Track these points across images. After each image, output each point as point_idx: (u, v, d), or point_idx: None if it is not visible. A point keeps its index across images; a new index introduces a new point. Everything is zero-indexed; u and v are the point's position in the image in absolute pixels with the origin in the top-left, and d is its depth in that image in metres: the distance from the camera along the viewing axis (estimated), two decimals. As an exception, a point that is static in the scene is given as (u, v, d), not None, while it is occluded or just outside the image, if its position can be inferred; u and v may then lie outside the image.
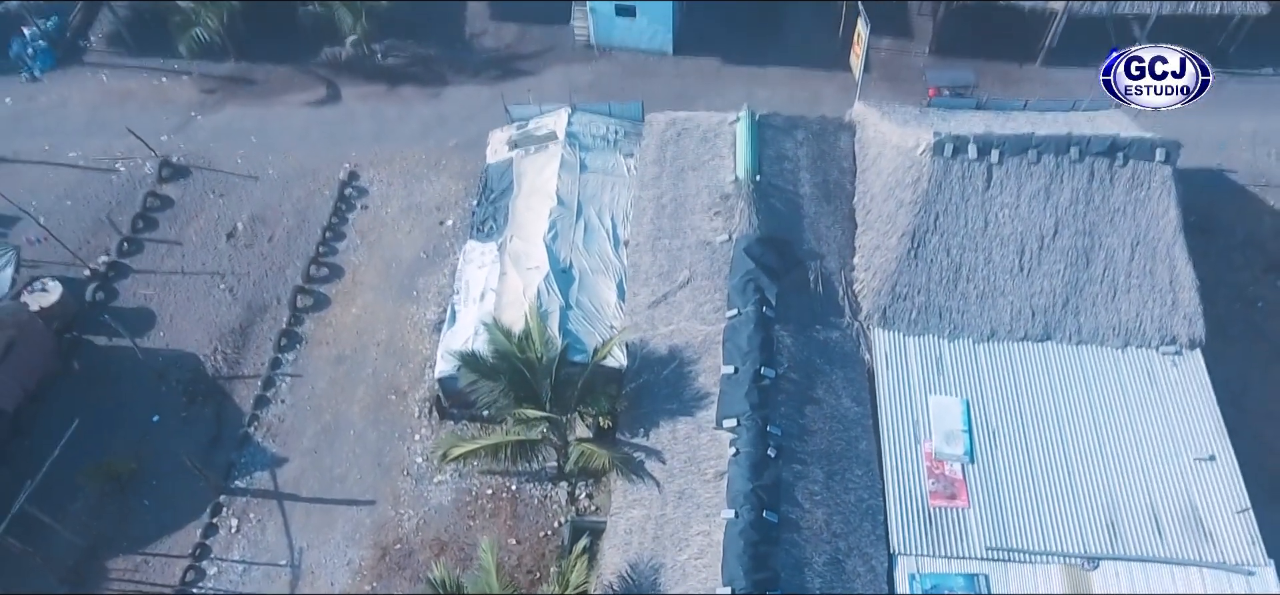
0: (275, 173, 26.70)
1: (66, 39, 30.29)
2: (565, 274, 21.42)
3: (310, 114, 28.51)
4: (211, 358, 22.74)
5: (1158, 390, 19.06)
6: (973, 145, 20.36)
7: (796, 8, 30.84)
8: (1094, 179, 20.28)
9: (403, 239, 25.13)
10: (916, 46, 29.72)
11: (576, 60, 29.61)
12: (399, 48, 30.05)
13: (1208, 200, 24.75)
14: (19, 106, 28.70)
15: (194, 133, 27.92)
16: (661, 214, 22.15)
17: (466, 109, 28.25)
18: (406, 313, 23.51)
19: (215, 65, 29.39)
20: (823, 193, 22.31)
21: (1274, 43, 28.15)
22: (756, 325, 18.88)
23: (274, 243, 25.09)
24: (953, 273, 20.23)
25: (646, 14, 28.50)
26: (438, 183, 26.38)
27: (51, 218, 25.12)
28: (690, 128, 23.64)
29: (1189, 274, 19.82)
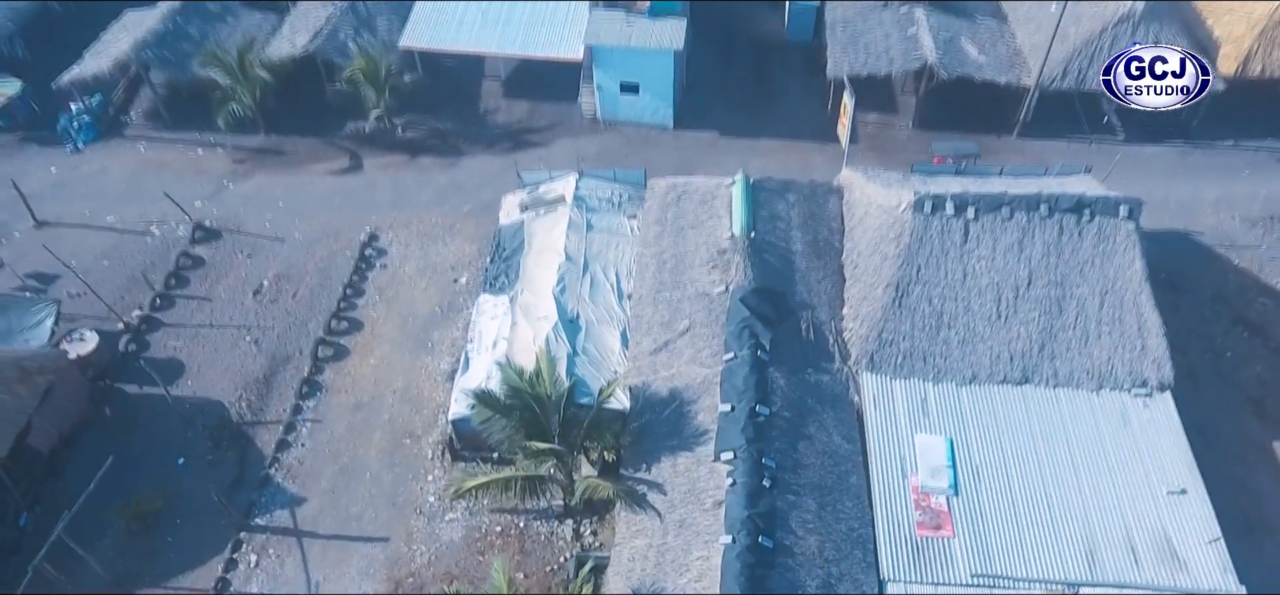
0: (300, 235, 28.45)
1: (109, 114, 32.59)
2: (572, 324, 22.84)
3: (334, 182, 30.49)
4: (236, 405, 23.97)
5: (1131, 430, 20.18)
6: (950, 203, 22.06)
7: (788, 85, 33.20)
8: (1063, 233, 21.87)
9: (419, 295, 26.66)
10: (900, 121, 31.87)
11: (584, 133, 31.74)
12: (418, 122, 32.24)
13: (1177, 259, 26.30)
14: (63, 175, 30.72)
15: (225, 199, 29.82)
16: (663, 269, 23.72)
17: (480, 177, 30.19)
18: (421, 363, 24.84)
19: (247, 138, 31.54)
20: (813, 249, 23.91)
21: (1233, 117, 30.17)
22: (752, 367, 20.18)
23: (298, 299, 26.63)
24: (935, 320, 21.64)
25: (649, 90, 30.73)
26: (453, 244, 28.08)
27: (90, 275, 26.69)
28: (689, 191, 25.43)
29: (1156, 321, 21.17)
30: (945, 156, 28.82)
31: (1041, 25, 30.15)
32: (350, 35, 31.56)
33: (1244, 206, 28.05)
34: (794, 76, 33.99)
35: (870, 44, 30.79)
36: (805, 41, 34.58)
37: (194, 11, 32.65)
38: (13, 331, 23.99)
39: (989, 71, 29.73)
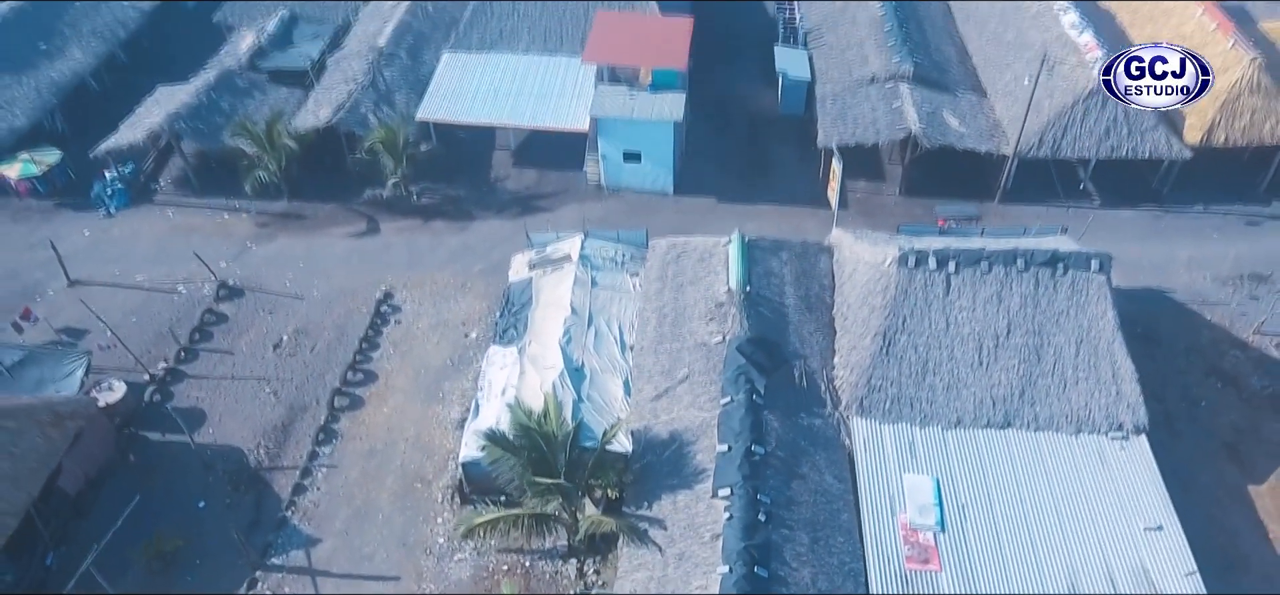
0: (319, 293, 29.94)
1: (140, 182, 34.51)
2: (578, 372, 24.09)
3: (352, 244, 32.17)
4: (255, 451, 25.05)
5: (1109, 470, 21.21)
6: (932, 257, 23.56)
7: (782, 156, 35.21)
8: (1039, 286, 23.29)
9: (431, 349, 27.97)
10: (888, 188, 33.69)
11: (589, 199, 33.55)
12: (432, 189, 34.10)
13: (1152, 315, 27.67)
14: (95, 237, 32.43)
15: (248, 260, 31.44)
16: (663, 322, 25.11)
17: (491, 240, 31.84)
18: (433, 412, 26.00)
19: (270, 204, 33.36)
20: (805, 303, 25.32)
21: (1201, 183, 32.00)
22: (747, 409, 21.36)
23: (315, 352, 27.94)
24: (920, 368, 22.89)
25: (650, 159, 32.65)
26: (464, 301, 29.54)
27: (119, 331, 28.01)
28: (688, 250, 27.01)
29: (1129, 368, 22.39)
30: (949, 218, 30.46)
31: (1018, 98, 32.23)
32: (371, 108, 33.70)
33: (1214, 266, 29.54)
34: (787, 148, 36.00)
35: (858, 116, 32.84)
36: (798, 115, 36.72)
37: (225, 86, 34.90)
38: (45, 381, 25.22)
39: (970, 141, 31.66)
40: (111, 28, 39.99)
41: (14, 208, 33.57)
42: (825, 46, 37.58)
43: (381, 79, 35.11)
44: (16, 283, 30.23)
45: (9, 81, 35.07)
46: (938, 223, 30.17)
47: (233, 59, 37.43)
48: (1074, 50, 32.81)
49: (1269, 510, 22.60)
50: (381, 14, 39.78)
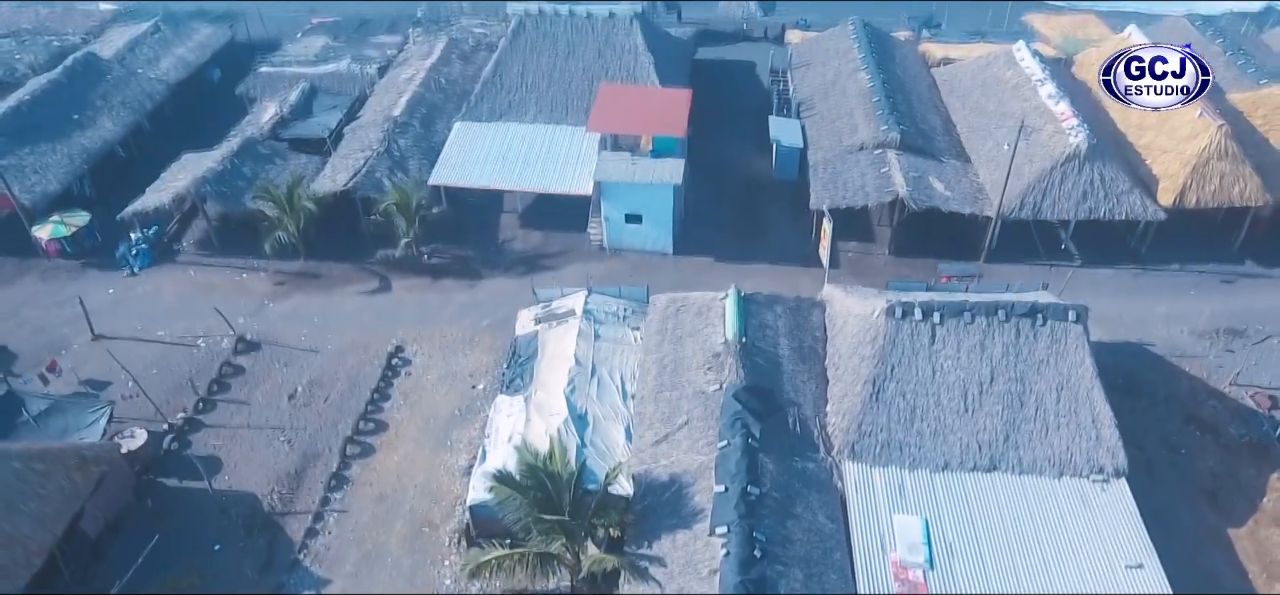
0: (333, 347, 31.17)
1: (163, 243, 36.10)
2: (581, 419, 25.16)
3: (365, 301, 33.56)
4: (269, 497, 25.94)
5: (1090, 511, 22.09)
6: (918, 309, 24.86)
7: (777, 219, 36.85)
8: (1020, 336, 24.51)
9: (440, 400, 29.07)
10: (878, 249, 35.21)
11: (592, 259, 35.04)
12: (442, 250, 35.65)
13: (1132, 367, 28.80)
14: (119, 295, 33.85)
15: (266, 316, 32.78)
16: (663, 372, 26.28)
17: (498, 297, 33.21)
18: (441, 459, 26.96)
19: (287, 263, 34.87)
20: (799, 354, 26.53)
21: (1177, 243, 33.54)
22: (743, 452, 22.36)
23: (328, 403, 29.04)
24: (909, 414, 23.96)
25: (651, 221, 34.27)
26: (472, 355, 30.75)
27: (140, 382, 29.14)
28: (687, 304, 28.35)
29: (1107, 414, 23.44)
30: (952, 275, 31.77)
31: (1000, 164, 33.94)
32: (386, 173, 35.50)
33: (1191, 320, 30.80)
34: (782, 211, 37.67)
35: (848, 180, 34.57)
36: (792, 181, 38.49)
37: (247, 153, 36.82)
38: (70, 429, 26.33)
39: (955, 204, 33.29)
40: (139, 100, 42.25)
41: (43, 267, 35.09)
42: (817, 116, 39.64)
43: (396, 146, 37.04)
44: (43, 337, 31.53)
45: (45, 149, 37.00)
46: (942, 279, 31.40)
47: (255, 128, 39.51)
48: (1051, 119, 34.72)
49: (1248, 553, 23.36)
50: (397, 86, 42.06)
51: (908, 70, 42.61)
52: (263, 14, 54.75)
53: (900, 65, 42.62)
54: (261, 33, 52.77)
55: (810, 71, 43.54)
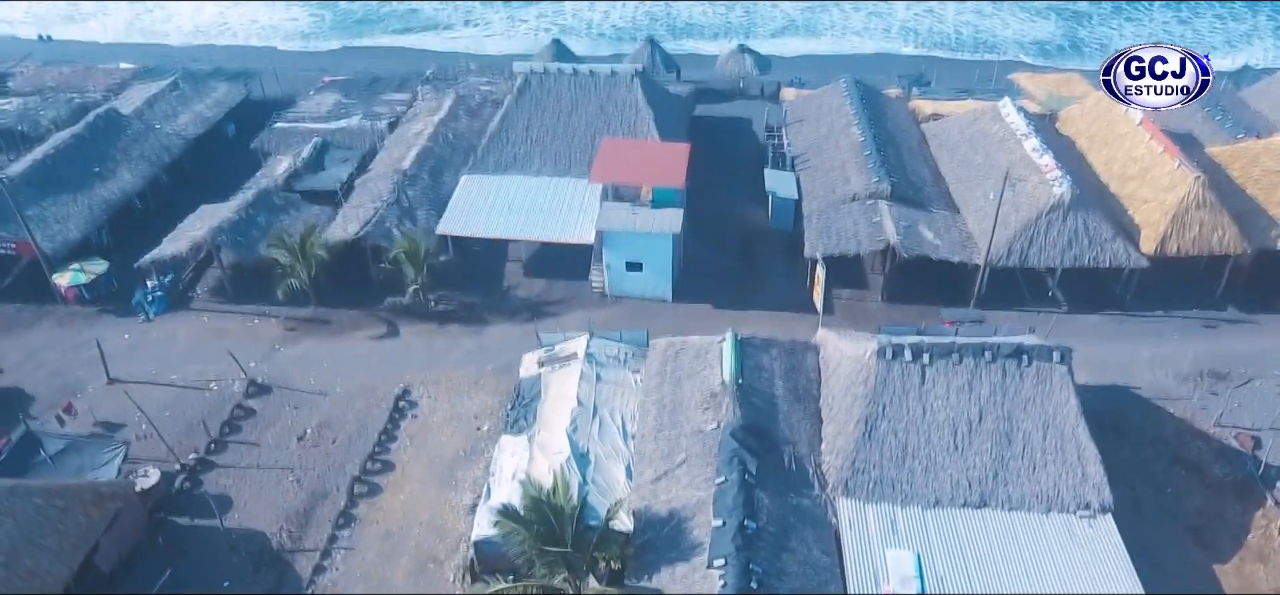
0: (341, 390, 32.05)
1: (178, 290, 37.22)
2: (583, 458, 25.93)
3: (373, 346, 34.54)
4: (278, 534, 26.56)
5: (1078, 546, 22.73)
6: (908, 350, 25.79)
7: (773, 268, 38.04)
8: (1006, 376, 25.39)
9: (445, 440, 29.84)
10: (871, 296, 36.31)
11: (594, 306, 36.11)
12: (449, 297, 36.76)
13: (1119, 409, 29.62)
14: (134, 340, 34.85)
15: (276, 360, 33.72)
16: (662, 412, 27.12)
17: (502, 342, 34.18)
18: (446, 498, 27.64)
19: (298, 310, 35.93)
20: (794, 395, 27.39)
21: (1160, 289, 34.67)
22: (740, 487, 23.11)
23: (337, 444, 29.81)
24: (900, 452, 24.73)
25: (651, 268, 35.43)
26: (477, 397, 31.59)
27: (154, 423, 30.00)
28: (686, 348, 29.30)
29: (1093, 451, 24.21)
30: (955, 321, 32.66)
31: (987, 214, 35.19)
32: (395, 223, 36.80)
33: (1175, 365, 31.70)
34: (777, 260, 38.88)
35: (841, 229, 35.82)
36: (787, 231, 39.77)
37: (262, 204, 38.19)
38: (85, 468, 27.11)
39: (944, 252, 34.47)
40: (158, 153, 43.83)
41: (60, 313, 36.16)
42: (811, 169, 41.11)
43: (405, 197, 38.42)
44: (60, 380, 32.45)
45: (66, 200, 38.39)
46: (944, 324, 32.29)
47: (269, 180, 40.99)
48: (1036, 170, 36.11)
49: (1233, 588, 23.91)
50: (406, 141, 43.67)
51: (898, 125, 44.26)
52: (277, 72, 56.91)
53: (891, 121, 44.27)
54: (276, 90, 54.80)
55: (804, 127, 45.20)
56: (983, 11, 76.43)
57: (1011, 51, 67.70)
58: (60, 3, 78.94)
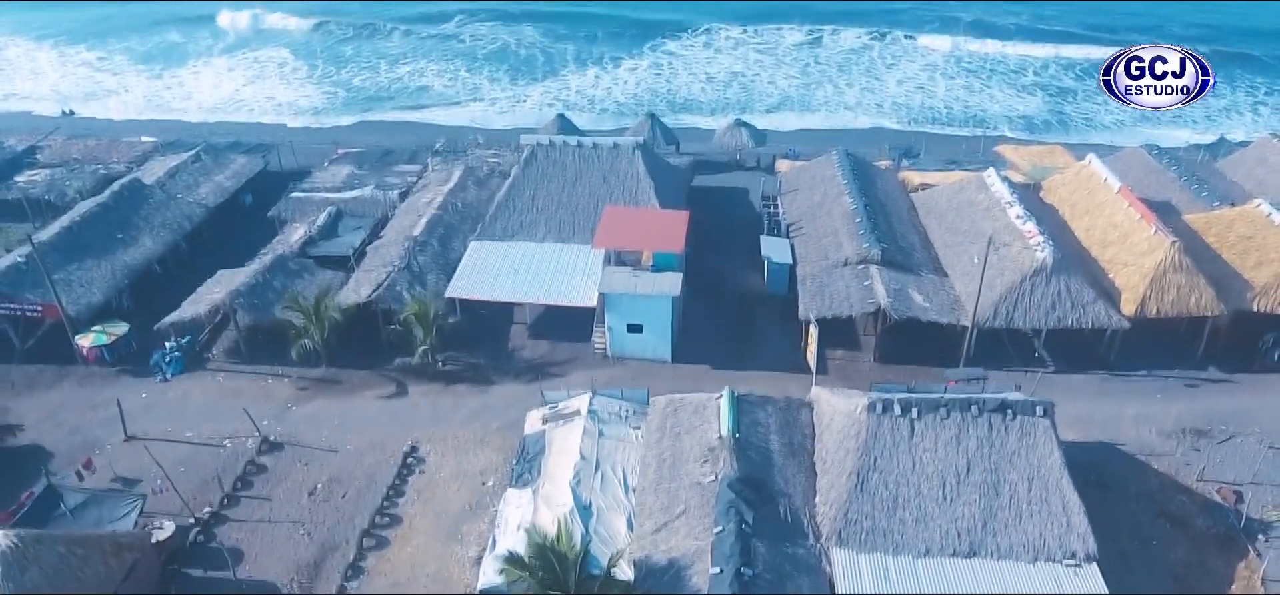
0: (351, 447, 33.06)
1: (195, 351, 38.54)
2: (586, 510, 26.84)
3: (382, 405, 35.67)
4: (288, 586, 27.29)
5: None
6: (897, 405, 26.96)
7: (768, 330, 39.39)
8: (992, 429, 26.50)
9: (452, 495, 30.74)
10: (863, 357, 37.55)
11: (596, 366, 37.34)
12: (456, 358, 38.02)
13: (1105, 464, 30.56)
14: (151, 400, 36.00)
15: (289, 419, 34.81)
16: (662, 466, 28.13)
17: (507, 401, 35.29)
18: (452, 550, 28.41)
19: (310, 370, 37.17)
20: (789, 449, 28.42)
21: (1143, 350, 35.91)
22: (737, 536, 24.00)
23: (346, 498, 30.70)
24: (892, 502, 25.67)
25: (651, 330, 36.80)
26: (482, 454, 32.58)
27: (170, 478, 30.98)
28: (685, 405, 30.44)
29: (1077, 502, 25.14)
30: (960, 380, 33.68)
31: (974, 278, 36.67)
32: (405, 287, 38.33)
33: (1159, 422, 32.73)
34: (773, 323, 40.25)
35: (834, 293, 37.30)
36: (782, 295, 41.25)
37: (278, 269, 39.81)
38: (103, 520, 28.02)
39: (933, 314, 35.87)
40: (179, 221, 45.69)
41: (81, 374, 37.40)
42: (805, 235, 42.83)
43: (415, 263, 40.04)
44: (79, 437, 33.49)
45: (90, 265, 40.05)
46: (948, 383, 33.32)
47: (285, 246, 42.71)
48: (1019, 236, 37.79)
49: (1219, 636, 24.59)
50: (416, 210, 45.56)
51: (888, 194, 46.18)
52: (293, 145, 59.33)
53: (881, 190, 46.22)
54: (292, 162, 57.12)
55: (798, 196, 47.14)
56: (972, 88, 79.56)
57: (1000, 126, 70.32)
58: (83, 80, 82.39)
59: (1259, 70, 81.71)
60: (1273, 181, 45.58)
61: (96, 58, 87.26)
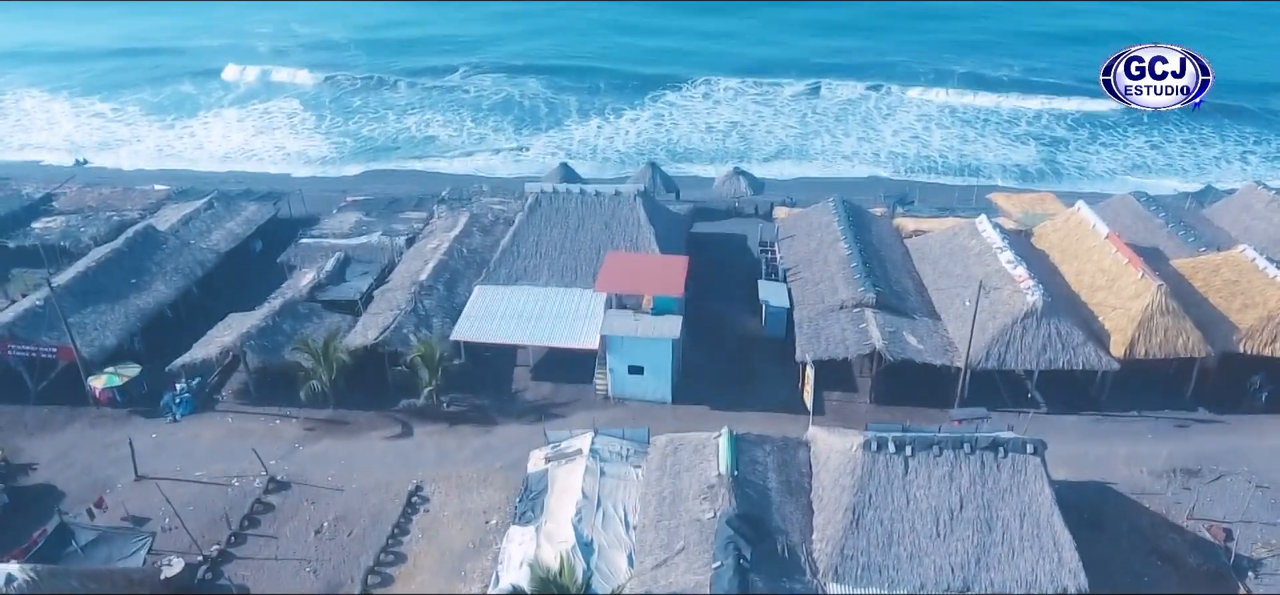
0: (357, 486, 33.67)
1: (205, 393, 39.33)
2: (588, 546, 27.39)
3: (388, 445, 36.35)
4: (294, 622, 27.80)
5: (1057, 628, 24.00)
6: (891, 443, 27.68)
7: (767, 373, 40.18)
8: (984, 467, 27.16)
9: (455, 534, 31.27)
10: (860, 399, 38.29)
11: (597, 408, 38.08)
12: (460, 399, 38.78)
13: (1097, 503, 31.13)
14: (161, 440, 36.69)
15: (296, 458, 35.47)
16: (662, 503, 28.74)
17: (510, 442, 35.96)
18: (455, 589, 28.87)
19: (318, 411, 37.92)
20: (786, 487, 29.04)
21: (1133, 391, 36.65)
22: (735, 571, 24.55)
23: (352, 537, 31.24)
24: (886, 538, 26.24)
25: (651, 372, 37.61)
26: (486, 493, 33.18)
27: (179, 516, 31.57)
28: (684, 444, 31.14)
29: (1067, 538, 25.70)
30: (963, 420, 34.36)
31: (967, 321, 37.55)
32: (412, 330, 39.25)
33: (1150, 462, 33.35)
34: (771, 366, 41.02)
35: (830, 336, 38.19)
36: (779, 337, 42.11)
37: (288, 313, 40.79)
38: (114, 557, 28.55)
39: (927, 356, 36.69)
40: (191, 267, 46.78)
41: (92, 415, 38.15)
42: (802, 280, 43.87)
43: (422, 306, 41.02)
44: (91, 477, 34.13)
45: (104, 309, 41.04)
46: (953, 423, 34.00)
47: (294, 291, 43.74)
48: (1010, 280, 38.79)
49: (1211, 671, 24.95)
50: (423, 255, 46.69)
51: (883, 240, 47.33)
52: (303, 193, 60.79)
53: (876, 236, 47.38)
54: (302, 210, 58.45)
55: (795, 242, 48.28)
56: (966, 138, 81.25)
57: (993, 175, 71.74)
58: (96, 131, 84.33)
59: (1248, 121, 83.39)
60: (1257, 227, 46.78)
61: (110, 108, 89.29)
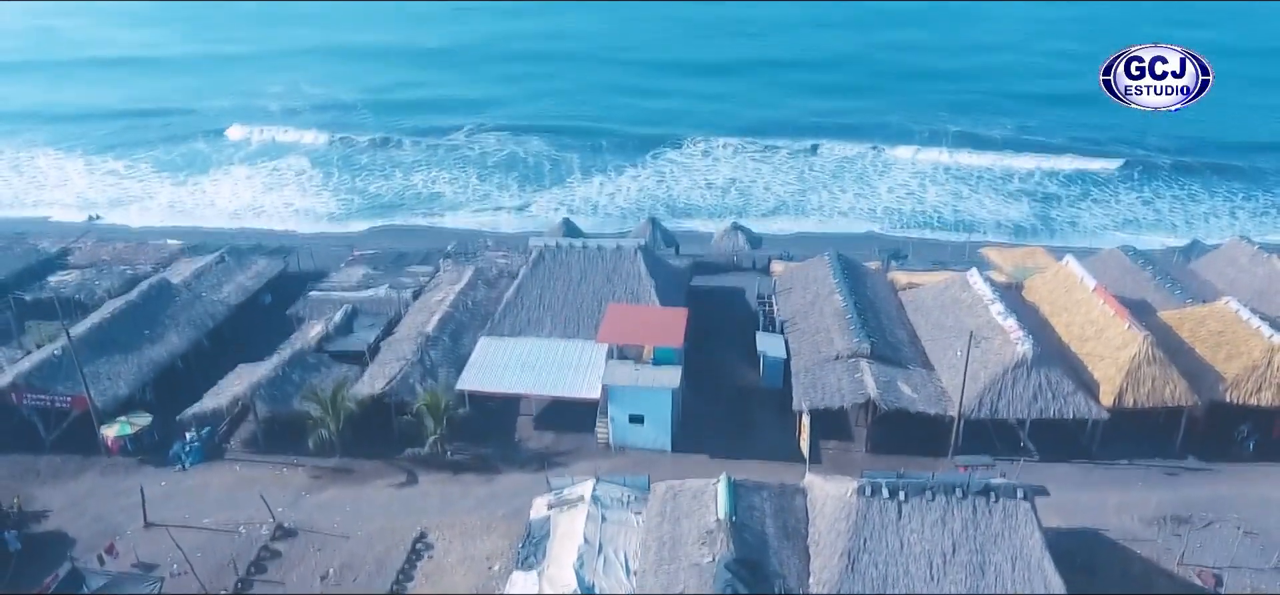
0: (362, 533, 34.27)
1: (214, 442, 40.12)
2: (589, 591, 27.95)
3: (393, 493, 37.03)
4: (300, 667, 28.23)
5: (1049, 669, 24.47)
6: (885, 488, 28.42)
7: (764, 422, 41.00)
8: (976, 512, 27.83)
9: (459, 580, 31.78)
10: (856, 447, 39.05)
11: (599, 457, 38.82)
12: (464, 448, 39.55)
13: (1089, 549, 31.68)
14: (170, 488, 37.39)
15: (302, 506, 36.12)
16: (662, 548, 29.34)
17: (513, 490, 36.64)
18: (459, 633, 29.42)
19: (324, 460, 38.67)
20: (783, 533, 29.67)
21: (1124, 440, 37.40)
22: (733, 613, 25.15)
23: (357, 583, 31.77)
24: (881, 582, 26.80)
25: (652, 421, 38.45)
26: (488, 540, 33.76)
27: (187, 563, 32.16)
28: (684, 490, 31.82)
29: (1058, 581, 26.24)
30: (967, 466, 35.01)
31: (959, 371, 38.55)
32: (418, 380, 40.22)
33: (1140, 509, 33.98)
34: (768, 416, 41.86)
35: (826, 385, 39.12)
36: (777, 388, 43.00)
37: (296, 363, 41.82)
38: (124, 603, 29.19)
39: (921, 405, 37.57)
40: (202, 319, 47.97)
41: (103, 464, 38.91)
42: (798, 331, 44.93)
43: (428, 357, 42.05)
44: (101, 524, 34.77)
45: (118, 360, 42.10)
46: (959, 469, 34.57)
47: (303, 342, 44.81)
48: (1000, 331, 39.84)
49: (1202, 714, 25.32)
50: (429, 308, 47.87)
51: (877, 293, 48.53)
52: (312, 249, 62.29)
53: (871, 289, 48.59)
54: (310, 264, 59.91)
55: (792, 295, 49.48)
56: (960, 194, 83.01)
57: (986, 231, 73.18)
58: (109, 188, 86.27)
59: (1237, 177, 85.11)
60: (1242, 280, 47.99)
61: (123, 166, 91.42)
